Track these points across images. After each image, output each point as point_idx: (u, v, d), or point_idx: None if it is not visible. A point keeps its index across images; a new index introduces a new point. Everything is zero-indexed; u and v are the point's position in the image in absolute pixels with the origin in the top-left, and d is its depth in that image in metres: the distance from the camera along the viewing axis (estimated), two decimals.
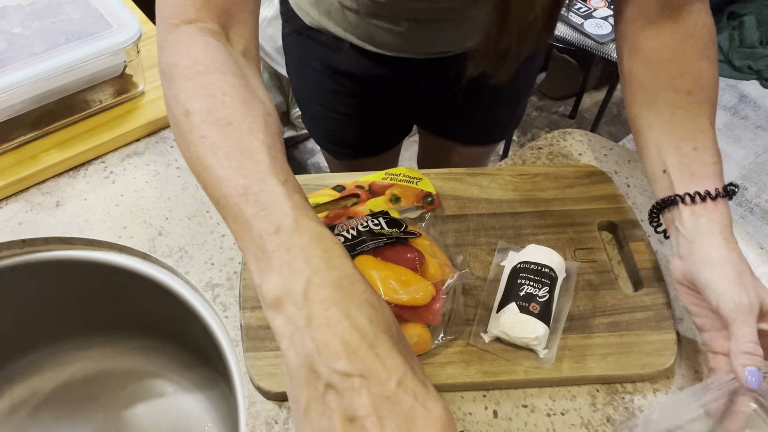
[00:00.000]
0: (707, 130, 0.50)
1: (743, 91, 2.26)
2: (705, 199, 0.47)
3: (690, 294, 0.49)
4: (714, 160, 0.49)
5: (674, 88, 0.51)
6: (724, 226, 0.47)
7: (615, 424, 0.50)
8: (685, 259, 0.48)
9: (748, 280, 0.44)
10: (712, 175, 0.48)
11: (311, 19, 0.73)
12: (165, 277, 0.59)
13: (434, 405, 0.29)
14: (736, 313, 0.43)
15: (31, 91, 0.62)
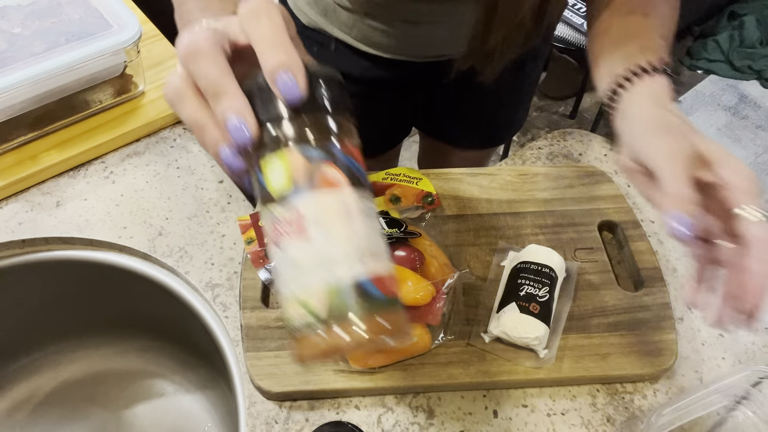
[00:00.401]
0: (658, 44, 0.49)
1: (743, 91, 2.26)
2: (638, 74, 0.45)
3: (637, 175, 0.45)
4: (659, 57, 0.47)
5: (630, 11, 0.51)
6: (656, 92, 0.45)
7: (615, 424, 0.50)
8: (624, 138, 0.45)
9: (676, 128, 0.42)
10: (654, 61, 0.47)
11: (308, 19, 0.73)
12: (165, 277, 0.59)
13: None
14: (662, 160, 0.40)
15: (31, 91, 0.62)
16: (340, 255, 0.30)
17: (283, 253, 0.30)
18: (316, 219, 0.30)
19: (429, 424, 0.50)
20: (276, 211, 0.30)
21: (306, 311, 0.30)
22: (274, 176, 0.31)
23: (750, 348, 0.56)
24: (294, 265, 0.30)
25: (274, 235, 0.31)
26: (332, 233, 0.30)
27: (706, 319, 0.41)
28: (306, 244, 0.30)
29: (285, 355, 0.51)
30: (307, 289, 0.30)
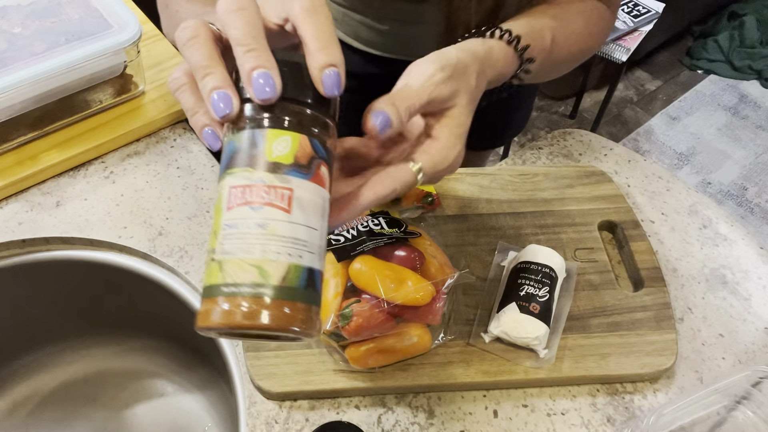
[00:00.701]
0: (534, 29, 0.47)
1: (743, 91, 2.26)
2: (491, 33, 0.44)
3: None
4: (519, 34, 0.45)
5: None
6: (481, 48, 0.42)
7: (615, 424, 0.50)
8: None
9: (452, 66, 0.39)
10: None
11: None
12: (165, 277, 0.60)
13: None
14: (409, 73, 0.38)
15: (31, 91, 0.62)
16: (310, 241, 0.32)
17: (255, 213, 0.31)
18: (301, 201, 0.32)
19: (429, 424, 0.50)
20: (266, 176, 0.31)
21: (258, 274, 0.30)
22: (278, 147, 0.32)
23: (750, 348, 0.56)
24: (262, 227, 0.31)
25: (252, 195, 0.31)
26: (310, 220, 0.32)
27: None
28: (284, 217, 0.31)
29: (285, 355, 0.51)
30: (266, 255, 0.30)
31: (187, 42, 0.32)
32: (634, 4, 1.77)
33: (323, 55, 0.32)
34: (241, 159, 0.32)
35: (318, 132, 0.33)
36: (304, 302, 0.31)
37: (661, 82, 2.32)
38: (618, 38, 1.69)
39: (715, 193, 1.93)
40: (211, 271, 0.31)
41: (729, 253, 0.62)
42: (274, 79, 0.31)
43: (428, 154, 0.38)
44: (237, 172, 0.32)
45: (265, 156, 0.31)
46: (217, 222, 0.32)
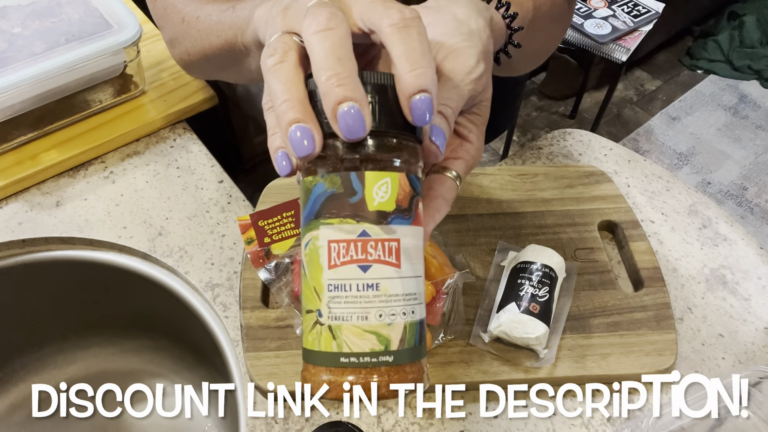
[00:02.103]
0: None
1: (743, 91, 2.26)
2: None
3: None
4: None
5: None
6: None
7: (615, 424, 0.50)
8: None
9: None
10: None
11: None
12: (165, 277, 0.60)
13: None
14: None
15: (31, 91, 0.62)
16: (419, 292, 0.30)
17: (365, 273, 0.28)
18: (408, 251, 0.29)
19: (429, 424, 0.50)
20: (371, 229, 0.28)
21: (377, 341, 0.28)
22: (379, 192, 0.28)
23: (750, 348, 0.56)
24: (374, 288, 0.28)
25: (358, 252, 0.28)
26: (416, 269, 0.29)
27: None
28: (395, 273, 0.28)
29: (285, 355, 0.51)
30: (383, 320, 0.28)
31: (272, 68, 0.29)
32: (634, 4, 1.77)
33: (413, 77, 0.27)
34: (337, 207, 0.28)
35: (414, 165, 0.30)
36: (418, 358, 0.30)
37: (661, 82, 2.32)
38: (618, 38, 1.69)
39: (715, 193, 1.93)
40: (321, 337, 0.29)
41: (729, 253, 0.62)
42: (364, 114, 0.27)
43: (463, 159, 0.35)
44: (335, 223, 0.28)
45: (367, 205, 0.28)
46: (317, 279, 0.29)
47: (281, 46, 0.29)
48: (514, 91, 0.90)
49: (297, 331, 0.51)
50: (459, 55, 0.33)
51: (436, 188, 0.34)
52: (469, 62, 0.33)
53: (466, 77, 0.33)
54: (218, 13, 0.45)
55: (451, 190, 0.34)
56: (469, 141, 0.36)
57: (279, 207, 0.59)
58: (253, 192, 0.65)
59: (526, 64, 0.53)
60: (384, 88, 0.28)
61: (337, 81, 0.26)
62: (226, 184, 0.66)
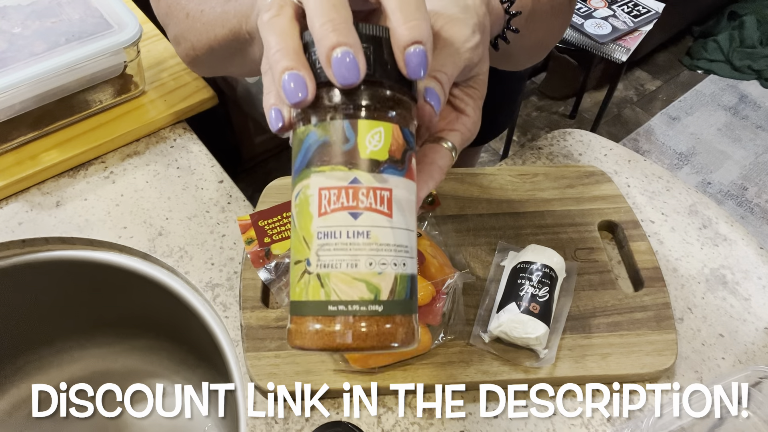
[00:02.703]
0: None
1: (743, 91, 2.26)
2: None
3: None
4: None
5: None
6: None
7: (615, 424, 0.50)
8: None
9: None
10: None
11: None
12: (165, 277, 0.59)
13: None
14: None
15: (31, 91, 0.62)
16: (410, 245, 0.29)
17: (356, 220, 0.28)
18: (400, 202, 0.29)
19: (429, 424, 0.50)
20: (363, 176, 0.28)
21: (366, 289, 0.28)
22: (372, 140, 0.28)
23: (750, 348, 0.56)
24: (365, 236, 0.27)
25: (350, 199, 0.28)
26: (408, 222, 0.29)
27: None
28: (386, 222, 0.28)
29: (285, 355, 0.51)
30: (373, 268, 0.28)
31: (267, 22, 0.29)
32: (634, 4, 1.77)
33: (407, 29, 0.27)
34: (329, 155, 0.28)
35: (408, 119, 0.30)
36: (408, 314, 0.29)
37: (661, 82, 2.32)
38: (618, 38, 1.69)
39: (715, 193, 1.93)
40: (308, 286, 0.28)
41: (729, 253, 0.62)
42: (358, 60, 0.26)
43: (459, 131, 0.35)
44: (326, 170, 0.28)
45: (359, 152, 0.28)
46: (307, 228, 0.28)
47: (277, 2, 0.29)
48: (514, 91, 0.90)
49: None
50: (455, 24, 0.33)
51: (430, 155, 0.34)
52: (465, 31, 0.33)
53: (462, 45, 0.32)
54: (222, 3, 0.46)
55: (446, 158, 0.34)
56: (465, 114, 0.35)
57: (279, 207, 0.59)
58: (253, 192, 0.65)
59: (526, 58, 0.53)
60: (379, 39, 0.28)
61: (332, 26, 0.26)
62: (226, 184, 0.66)
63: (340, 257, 0.28)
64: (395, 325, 0.28)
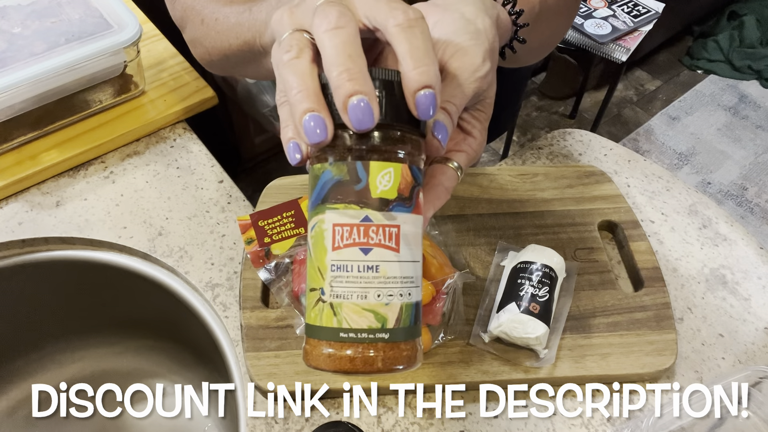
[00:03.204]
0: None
1: (743, 91, 2.26)
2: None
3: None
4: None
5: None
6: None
7: (615, 424, 0.50)
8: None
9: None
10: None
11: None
12: (165, 277, 0.60)
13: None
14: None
15: (31, 91, 0.62)
16: (416, 276, 0.32)
17: (365, 255, 0.30)
18: (407, 237, 0.31)
19: (429, 424, 0.50)
20: (373, 215, 0.30)
21: (375, 319, 0.30)
22: (383, 181, 0.31)
23: (750, 348, 0.56)
24: (374, 270, 0.30)
25: (360, 236, 0.30)
26: (414, 255, 0.32)
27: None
28: (394, 257, 0.31)
29: (285, 355, 0.51)
30: (381, 299, 0.30)
31: (288, 62, 0.30)
32: (634, 4, 1.77)
33: (417, 74, 0.29)
34: (343, 193, 0.30)
35: (416, 157, 0.32)
36: (412, 338, 0.32)
37: (661, 82, 2.32)
38: (618, 38, 1.69)
39: (715, 193, 1.93)
40: (322, 313, 0.31)
41: (729, 253, 0.62)
42: (373, 108, 0.28)
43: (465, 153, 0.36)
44: (340, 208, 0.30)
45: (370, 192, 0.30)
46: (321, 259, 0.31)
47: (296, 43, 0.31)
48: (516, 91, 0.90)
49: (297, 331, 0.51)
50: (465, 54, 0.34)
51: (437, 176, 0.35)
52: (476, 61, 0.34)
53: (471, 75, 0.33)
54: (236, 15, 0.46)
55: (452, 179, 0.35)
56: (472, 136, 0.37)
57: (279, 207, 0.59)
58: (253, 192, 0.65)
59: (530, 57, 0.54)
60: (391, 83, 0.30)
61: (348, 76, 0.28)
62: (226, 184, 0.66)
63: (351, 289, 0.30)
64: (399, 350, 0.31)
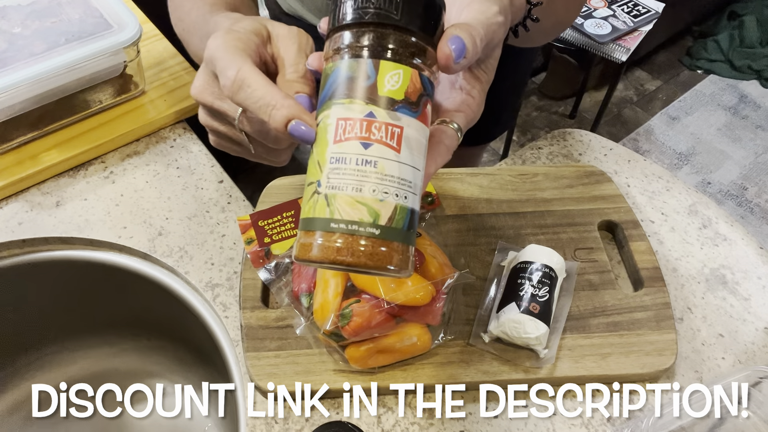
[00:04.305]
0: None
1: (743, 91, 2.26)
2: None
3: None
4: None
5: None
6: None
7: (615, 424, 0.50)
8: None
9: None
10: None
11: (288, 5, 0.73)
12: (165, 277, 0.59)
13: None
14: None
15: (31, 91, 0.62)
16: (414, 182, 0.32)
17: (366, 150, 0.30)
18: (409, 141, 0.31)
19: (429, 424, 0.50)
20: (378, 111, 0.30)
21: (367, 212, 0.30)
22: (391, 80, 0.31)
23: (750, 348, 0.56)
24: (372, 165, 0.30)
25: (363, 130, 0.30)
26: (415, 161, 0.32)
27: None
28: (394, 156, 0.31)
29: (285, 355, 0.51)
30: (376, 194, 0.30)
31: (237, 92, 0.33)
32: (634, 4, 1.77)
33: (273, 112, 0.32)
34: (351, 89, 0.31)
35: (428, 66, 0.32)
36: (405, 243, 0.32)
37: (660, 82, 2.32)
38: (618, 38, 1.69)
39: (715, 193, 1.93)
40: (316, 204, 0.31)
41: (729, 253, 0.62)
42: (309, 125, 0.31)
43: (464, 113, 0.36)
44: (346, 103, 0.31)
45: (377, 89, 0.31)
46: (322, 153, 0.31)
47: (234, 68, 0.34)
48: (516, 91, 0.90)
49: (297, 331, 0.51)
50: (484, 3, 0.35)
51: (437, 136, 0.35)
52: (493, 8, 0.35)
53: (491, 17, 0.34)
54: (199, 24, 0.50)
55: (453, 138, 0.36)
56: (471, 96, 0.37)
57: (279, 207, 0.59)
58: (253, 192, 0.65)
59: (542, 37, 0.54)
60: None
61: None
62: (226, 184, 0.66)
63: (347, 181, 0.30)
64: (390, 249, 0.31)
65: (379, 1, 0.31)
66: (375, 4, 0.31)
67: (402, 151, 0.31)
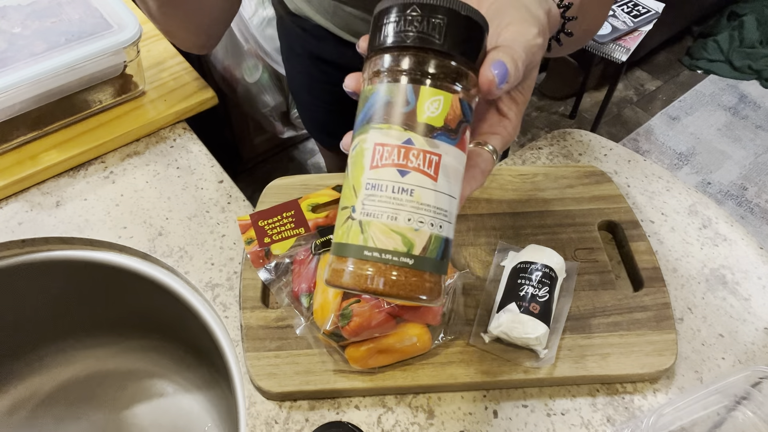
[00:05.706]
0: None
1: (743, 91, 2.26)
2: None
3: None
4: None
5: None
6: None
7: (615, 424, 0.50)
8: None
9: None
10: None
11: (294, 6, 0.73)
12: (165, 277, 0.60)
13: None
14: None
15: (31, 91, 0.62)
16: (450, 211, 0.32)
17: (402, 177, 0.30)
18: (447, 168, 0.31)
19: (429, 424, 0.50)
20: (416, 139, 0.30)
21: (402, 242, 0.30)
22: (431, 107, 0.30)
23: (750, 348, 0.56)
24: (408, 193, 0.30)
25: (400, 157, 0.30)
26: (452, 189, 0.31)
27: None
28: (430, 185, 0.30)
29: (285, 355, 0.51)
30: (411, 224, 0.30)
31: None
32: (634, 4, 1.77)
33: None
34: (389, 114, 0.30)
35: (468, 93, 0.32)
36: (437, 272, 0.31)
37: (660, 82, 2.32)
38: (618, 38, 1.69)
39: (715, 193, 1.93)
40: (350, 230, 0.31)
41: (729, 253, 0.63)
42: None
43: (500, 135, 0.36)
44: (384, 128, 0.30)
45: (416, 116, 0.30)
46: (357, 178, 0.31)
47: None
48: None
49: (297, 331, 0.51)
50: (523, 24, 0.35)
51: (473, 158, 0.35)
52: (533, 30, 0.35)
53: (531, 40, 0.34)
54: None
55: (488, 162, 0.35)
56: (507, 118, 0.37)
57: (279, 207, 0.59)
58: (253, 192, 0.65)
59: (571, 48, 0.54)
60: (455, 13, 0.30)
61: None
62: (226, 184, 0.66)
63: (382, 209, 0.30)
64: (422, 280, 0.30)
65: (421, 24, 0.30)
66: (417, 27, 0.30)
67: (439, 179, 0.30)
